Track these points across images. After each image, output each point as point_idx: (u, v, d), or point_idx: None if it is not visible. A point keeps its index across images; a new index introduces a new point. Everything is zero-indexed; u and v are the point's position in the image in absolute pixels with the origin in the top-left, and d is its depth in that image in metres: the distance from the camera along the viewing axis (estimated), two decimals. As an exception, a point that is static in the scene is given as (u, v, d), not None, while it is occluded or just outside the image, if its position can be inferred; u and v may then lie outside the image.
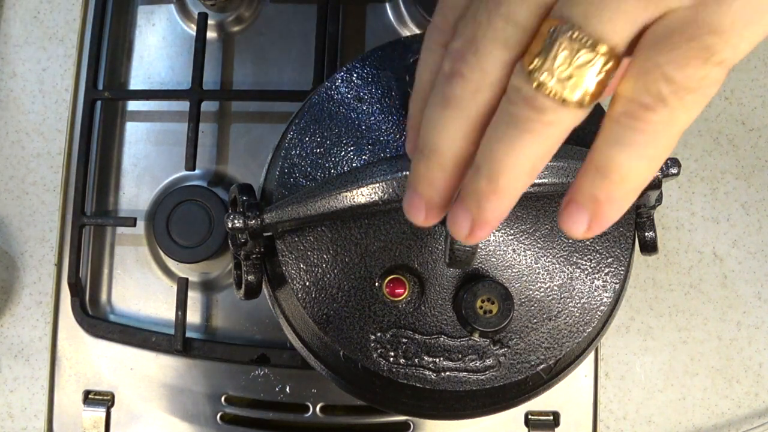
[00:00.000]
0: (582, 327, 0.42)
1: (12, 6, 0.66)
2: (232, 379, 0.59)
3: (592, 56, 0.25)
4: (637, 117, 0.25)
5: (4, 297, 0.62)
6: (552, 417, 0.58)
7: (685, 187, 0.62)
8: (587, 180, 0.26)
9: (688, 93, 0.25)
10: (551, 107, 0.25)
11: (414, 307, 0.42)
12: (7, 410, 0.61)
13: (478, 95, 0.27)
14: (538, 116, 0.25)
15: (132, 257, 0.62)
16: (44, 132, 0.64)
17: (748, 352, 0.59)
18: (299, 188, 0.43)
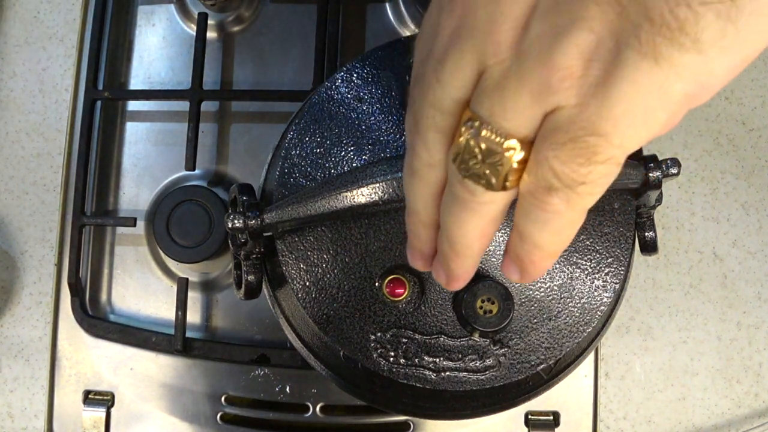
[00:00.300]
0: (582, 327, 0.42)
1: (12, 6, 0.66)
2: (232, 379, 0.59)
3: (502, 150, 0.26)
4: (537, 198, 0.27)
5: (4, 297, 0.62)
6: (552, 417, 0.58)
7: (685, 187, 0.62)
8: (513, 240, 0.29)
9: (578, 185, 0.26)
10: (480, 191, 0.27)
11: (414, 307, 0.41)
12: (7, 410, 0.61)
13: (431, 170, 0.29)
14: (472, 197, 0.28)
15: (132, 257, 0.62)
16: (44, 132, 0.64)
17: (748, 352, 0.59)
18: (299, 188, 0.42)
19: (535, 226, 0.27)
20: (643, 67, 0.23)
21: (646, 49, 0.23)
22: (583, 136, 0.25)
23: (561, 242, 0.28)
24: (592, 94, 0.24)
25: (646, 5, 0.22)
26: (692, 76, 0.23)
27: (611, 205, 0.43)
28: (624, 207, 0.43)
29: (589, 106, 0.24)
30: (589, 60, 0.24)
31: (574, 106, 0.24)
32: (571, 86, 0.24)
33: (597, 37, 0.24)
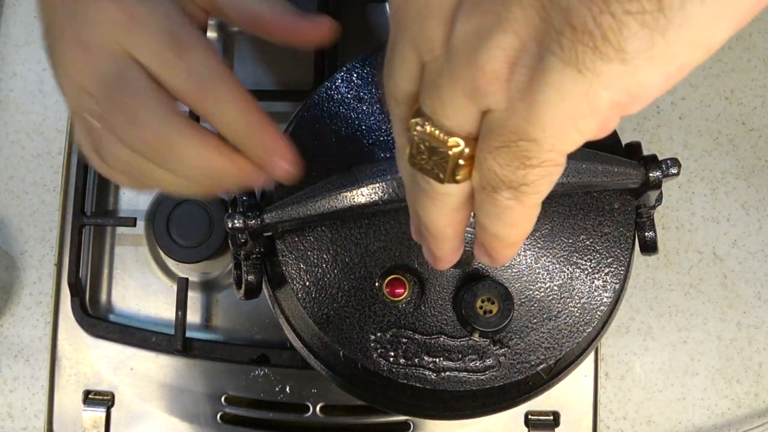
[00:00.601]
0: (582, 327, 0.42)
1: (12, 6, 0.66)
2: (232, 379, 0.59)
3: (446, 148, 0.26)
4: (487, 194, 0.27)
5: (4, 297, 0.62)
6: (552, 417, 0.58)
7: (685, 187, 0.62)
8: (478, 228, 0.29)
9: (519, 185, 0.26)
10: (435, 183, 0.28)
11: (414, 307, 0.41)
12: (7, 410, 0.61)
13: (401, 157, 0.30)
14: (431, 188, 0.28)
15: (132, 257, 0.62)
16: (44, 132, 0.64)
17: (748, 352, 0.59)
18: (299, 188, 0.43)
19: (489, 219, 0.28)
20: (566, 74, 0.22)
21: (568, 56, 0.22)
22: (515, 140, 0.24)
23: (519, 234, 0.29)
24: (519, 99, 0.24)
25: (569, 11, 0.22)
26: (620, 86, 0.22)
27: (611, 205, 0.43)
28: (624, 207, 0.43)
29: (517, 110, 0.24)
30: (514, 63, 0.23)
31: (504, 110, 0.24)
32: (499, 89, 0.24)
33: (521, 40, 0.23)
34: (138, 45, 0.36)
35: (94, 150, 0.38)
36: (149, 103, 0.36)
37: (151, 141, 0.36)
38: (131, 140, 0.36)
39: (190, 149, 0.36)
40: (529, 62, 0.23)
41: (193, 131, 0.36)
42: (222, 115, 0.36)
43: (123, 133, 0.36)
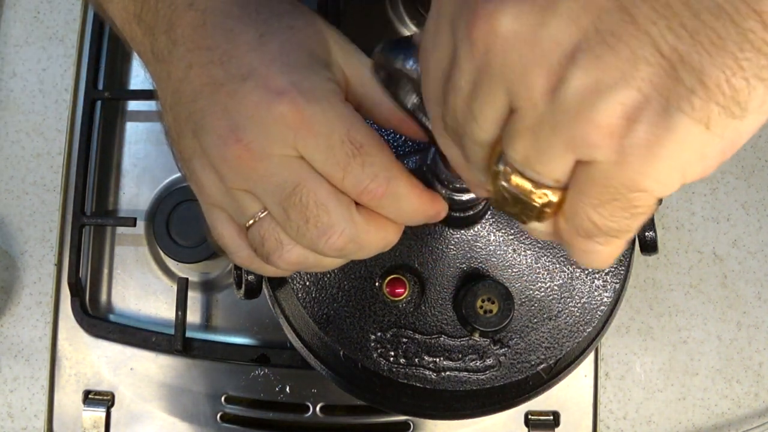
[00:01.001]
0: (582, 327, 0.42)
1: (12, 6, 0.66)
2: (232, 379, 0.59)
3: (531, 199, 0.27)
4: (576, 242, 0.28)
5: (4, 297, 0.62)
6: (552, 417, 0.58)
7: (685, 187, 0.62)
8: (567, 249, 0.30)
9: (621, 232, 0.26)
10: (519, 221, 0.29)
11: (414, 307, 0.42)
12: (7, 410, 0.61)
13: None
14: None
15: (132, 257, 0.62)
16: (44, 132, 0.64)
17: (748, 352, 0.59)
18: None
19: (579, 256, 0.28)
20: (694, 130, 0.23)
21: (699, 114, 0.23)
22: (625, 193, 0.25)
23: (606, 260, 0.29)
24: (635, 154, 0.24)
25: (702, 71, 0.22)
26: (731, 138, 0.24)
27: (611, 205, 0.43)
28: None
29: (631, 164, 0.24)
30: (633, 119, 0.24)
31: (614, 163, 0.24)
32: (611, 143, 0.24)
33: (644, 97, 0.23)
34: (312, 149, 0.33)
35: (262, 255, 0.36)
36: (331, 207, 0.34)
37: (338, 244, 0.34)
38: (315, 246, 0.35)
39: (374, 241, 0.36)
40: (650, 119, 0.23)
41: (377, 223, 0.35)
42: (399, 212, 0.35)
43: (304, 240, 0.35)
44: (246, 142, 0.33)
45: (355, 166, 0.33)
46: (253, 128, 0.33)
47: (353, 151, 0.33)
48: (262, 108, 0.33)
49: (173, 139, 0.37)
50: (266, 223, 0.35)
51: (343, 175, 0.34)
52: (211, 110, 0.34)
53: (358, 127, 0.34)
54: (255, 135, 0.33)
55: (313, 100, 0.33)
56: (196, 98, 0.35)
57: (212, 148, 0.34)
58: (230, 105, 0.34)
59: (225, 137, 0.34)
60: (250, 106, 0.33)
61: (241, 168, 0.34)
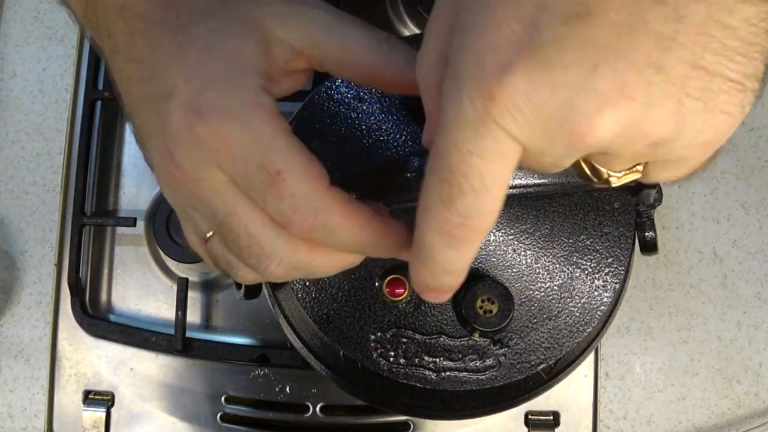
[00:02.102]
0: (582, 327, 0.42)
1: (12, 6, 0.66)
2: (232, 379, 0.59)
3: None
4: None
5: (4, 297, 0.62)
6: (552, 417, 0.58)
7: (685, 187, 0.62)
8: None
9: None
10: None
11: (414, 307, 0.41)
12: (7, 410, 0.61)
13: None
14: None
15: (132, 257, 0.62)
16: (44, 132, 0.64)
17: (748, 352, 0.59)
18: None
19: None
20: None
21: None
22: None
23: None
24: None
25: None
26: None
27: (611, 205, 0.43)
28: (624, 207, 0.43)
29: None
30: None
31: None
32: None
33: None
34: (233, 173, 0.31)
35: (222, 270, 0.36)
36: (263, 238, 0.32)
37: (278, 272, 0.33)
38: (258, 272, 0.33)
39: (327, 266, 0.34)
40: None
41: (323, 251, 0.33)
42: (340, 242, 0.32)
43: (248, 264, 0.33)
44: (178, 164, 0.32)
45: (273, 195, 0.31)
46: (180, 150, 0.32)
47: (269, 179, 0.31)
48: (183, 130, 0.31)
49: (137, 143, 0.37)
50: (216, 243, 0.35)
51: (264, 204, 0.31)
52: (150, 128, 0.34)
53: (278, 150, 0.31)
54: (184, 158, 0.32)
55: (228, 119, 0.31)
56: (138, 113, 0.34)
57: (158, 166, 0.34)
58: (161, 125, 0.32)
59: (163, 157, 0.33)
60: (175, 127, 0.32)
61: (181, 189, 0.33)
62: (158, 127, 0.33)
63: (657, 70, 0.23)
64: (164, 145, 0.32)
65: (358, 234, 0.32)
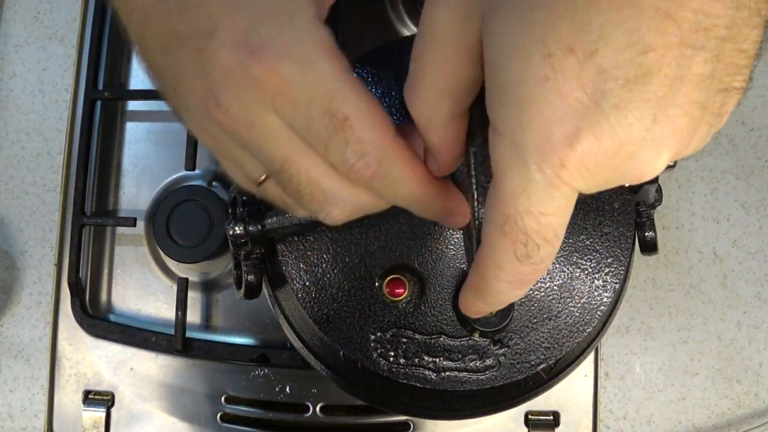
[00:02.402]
0: (582, 327, 0.42)
1: (12, 6, 0.66)
2: (232, 379, 0.59)
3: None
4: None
5: (4, 297, 0.62)
6: (552, 417, 0.58)
7: (685, 187, 0.62)
8: None
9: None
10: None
11: (414, 307, 0.41)
12: (7, 410, 0.61)
13: None
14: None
15: (132, 257, 0.62)
16: (44, 132, 0.64)
17: (748, 352, 0.59)
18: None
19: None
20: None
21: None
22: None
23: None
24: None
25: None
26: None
27: (611, 205, 0.43)
28: (624, 207, 0.43)
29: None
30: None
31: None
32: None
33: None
34: (291, 117, 0.29)
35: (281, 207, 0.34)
36: (325, 184, 0.30)
37: (341, 216, 0.31)
38: (319, 217, 0.32)
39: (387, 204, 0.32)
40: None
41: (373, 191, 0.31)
42: (395, 195, 0.31)
43: (308, 210, 0.32)
44: (225, 108, 0.29)
45: (338, 141, 0.29)
46: (229, 93, 0.29)
47: (335, 124, 0.29)
48: (234, 70, 0.28)
49: (157, 86, 0.33)
50: (271, 186, 0.32)
51: (325, 150, 0.29)
52: (183, 68, 0.30)
53: (344, 93, 0.29)
54: (232, 100, 0.29)
55: (288, 58, 0.28)
56: (165, 52, 0.30)
57: (195, 110, 0.30)
58: (201, 64, 0.29)
59: (204, 100, 0.29)
60: (222, 67, 0.29)
61: (228, 133, 0.30)
62: (195, 68, 0.29)
63: (701, 108, 0.25)
64: (205, 88, 0.29)
65: (416, 190, 0.31)
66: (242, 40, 0.28)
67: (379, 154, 0.29)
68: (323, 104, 0.28)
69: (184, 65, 0.30)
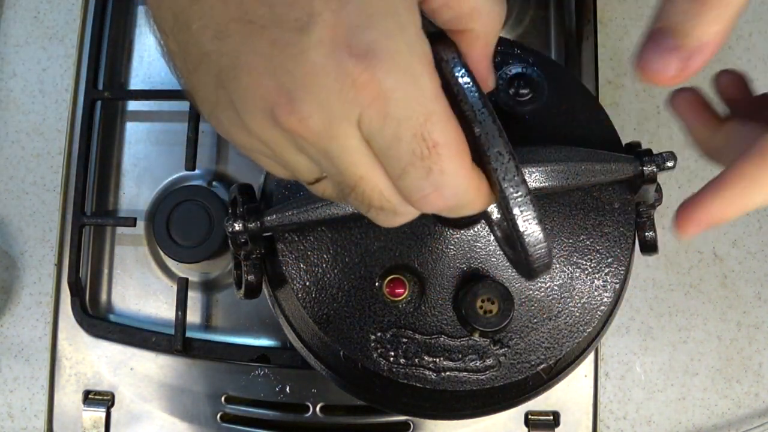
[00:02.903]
0: (582, 327, 0.42)
1: (12, 6, 0.66)
2: (232, 379, 0.59)
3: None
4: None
5: (4, 297, 0.62)
6: (552, 417, 0.58)
7: (685, 187, 0.62)
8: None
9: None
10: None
11: (414, 307, 0.41)
12: (7, 410, 0.61)
13: None
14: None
15: (132, 257, 0.62)
16: (44, 132, 0.64)
17: (748, 352, 0.59)
18: (299, 188, 0.42)
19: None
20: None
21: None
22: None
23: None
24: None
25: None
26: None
27: (611, 205, 0.43)
28: (624, 207, 0.43)
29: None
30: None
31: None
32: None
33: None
34: (376, 131, 0.26)
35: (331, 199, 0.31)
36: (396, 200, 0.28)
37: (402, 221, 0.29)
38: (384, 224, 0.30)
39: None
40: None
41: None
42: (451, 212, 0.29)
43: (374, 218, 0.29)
44: (302, 116, 0.25)
45: (419, 169, 0.26)
46: (312, 99, 0.25)
47: (422, 150, 0.26)
48: (328, 74, 0.25)
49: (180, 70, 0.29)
50: (328, 188, 0.30)
51: (400, 174, 0.27)
52: (248, 60, 0.25)
53: (439, 117, 0.26)
54: (314, 108, 0.25)
55: (395, 69, 0.25)
56: (222, 35, 0.26)
57: (252, 111, 0.26)
58: (280, 60, 0.25)
59: (274, 103, 0.25)
60: (312, 68, 0.25)
61: (293, 141, 0.27)
62: (268, 63, 0.25)
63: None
64: (278, 87, 0.25)
65: (478, 209, 0.29)
66: (345, 40, 0.25)
67: (458, 187, 0.27)
68: (416, 125, 0.26)
69: (251, 57, 0.25)
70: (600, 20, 0.64)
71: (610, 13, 0.65)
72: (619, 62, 0.64)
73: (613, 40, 0.64)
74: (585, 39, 0.64)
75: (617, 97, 0.63)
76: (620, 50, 0.64)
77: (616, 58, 0.64)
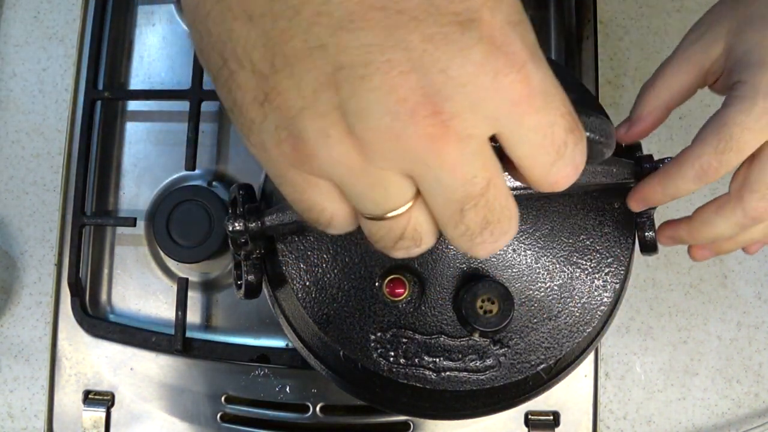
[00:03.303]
0: (582, 327, 0.42)
1: (12, 6, 0.66)
2: (232, 379, 0.59)
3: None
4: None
5: (4, 297, 0.62)
6: (552, 417, 0.58)
7: (685, 187, 0.62)
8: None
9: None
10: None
11: (414, 307, 0.41)
12: (7, 410, 0.61)
13: None
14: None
15: (132, 257, 0.62)
16: (44, 132, 0.64)
17: (748, 352, 0.59)
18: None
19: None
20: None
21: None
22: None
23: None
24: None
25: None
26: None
27: (611, 205, 0.43)
28: (624, 207, 0.43)
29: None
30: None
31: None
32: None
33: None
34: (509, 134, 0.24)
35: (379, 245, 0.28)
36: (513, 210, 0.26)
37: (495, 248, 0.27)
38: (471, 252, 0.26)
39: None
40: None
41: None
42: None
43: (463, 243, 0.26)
44: (445, 117, 0.23)
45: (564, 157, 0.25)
46: (462, 100, 0.23)
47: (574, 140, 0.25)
48: (485, 75, 0.23)
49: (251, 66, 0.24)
50: (414, 216, 0.26)
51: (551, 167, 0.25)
52: (390, 57, 0.22)
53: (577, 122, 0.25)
54: (462, 109, 0.23)
55: (543, 68, 0.24)
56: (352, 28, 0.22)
57: (376, 113, 0.23)
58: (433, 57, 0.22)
59: (414, 103, 0.22)
60: (472, 68, 0.23)
61: (421, 148, 0.23)
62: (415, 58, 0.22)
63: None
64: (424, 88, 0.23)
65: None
66: (500, 41, 0.23)
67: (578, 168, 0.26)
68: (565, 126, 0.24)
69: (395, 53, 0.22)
70: (600, 20, 0.64)
71: (610, 13, 0.65)
72: (619, 62, 0.64)
73: (613, 40, 0.64)
74: (585, 39, 0.64)
75: (617, 97, 0.63)
76: (620, 50, 0.64)
77: (616, 58, 0.64)
